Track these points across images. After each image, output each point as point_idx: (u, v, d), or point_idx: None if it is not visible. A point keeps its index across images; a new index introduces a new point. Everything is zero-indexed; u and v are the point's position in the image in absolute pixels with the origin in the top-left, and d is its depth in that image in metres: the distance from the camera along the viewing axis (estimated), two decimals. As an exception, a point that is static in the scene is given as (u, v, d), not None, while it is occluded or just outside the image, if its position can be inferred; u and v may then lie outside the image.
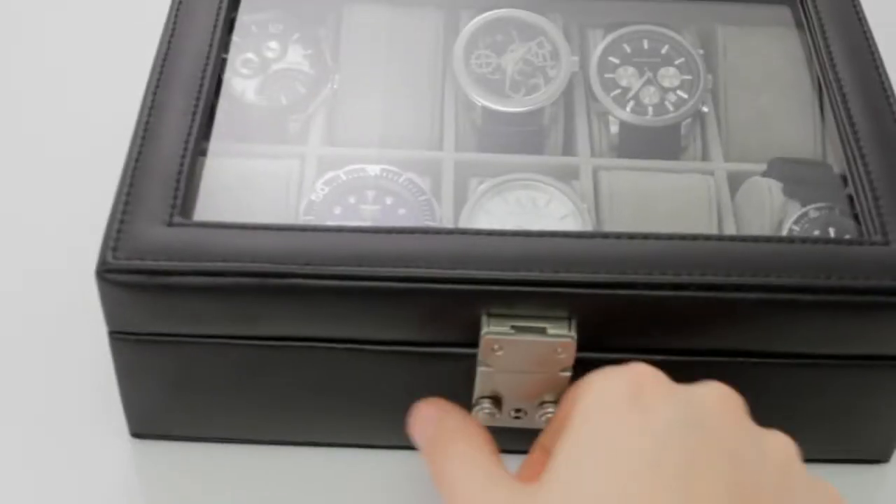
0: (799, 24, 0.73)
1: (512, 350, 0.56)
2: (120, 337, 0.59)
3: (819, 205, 0.63)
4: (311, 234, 0.57)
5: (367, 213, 0.64)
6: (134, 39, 0.72)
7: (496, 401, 0.59)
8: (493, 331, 0.56)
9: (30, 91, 0.84)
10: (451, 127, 0.71)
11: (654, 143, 0.70)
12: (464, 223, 0.63)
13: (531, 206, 0.64)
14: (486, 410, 0.59)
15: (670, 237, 0.57)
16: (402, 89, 0.72)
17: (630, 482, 0.46)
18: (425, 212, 0.63)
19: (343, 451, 0.64)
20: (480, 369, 0.58)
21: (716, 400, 0.49)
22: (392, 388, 0.61)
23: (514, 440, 0.60)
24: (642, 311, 0.56)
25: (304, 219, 0.63)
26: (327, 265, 0.56)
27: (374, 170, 0.65)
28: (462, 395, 0.59)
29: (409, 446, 0.64)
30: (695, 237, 0.57)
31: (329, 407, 0.62)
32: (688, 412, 0.48)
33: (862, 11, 0.71)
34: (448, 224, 0.64)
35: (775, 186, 0.65)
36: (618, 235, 0.58)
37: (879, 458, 0.65)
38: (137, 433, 0.65)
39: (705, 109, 0.71)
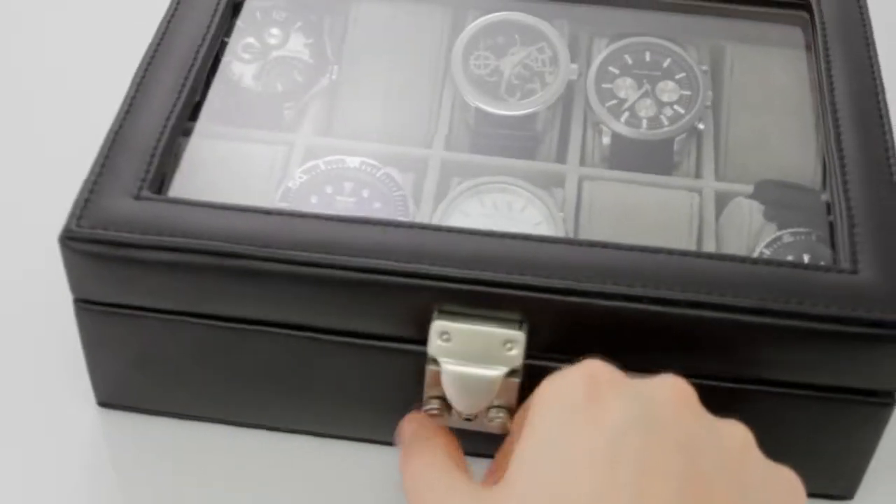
0: (809, 47, 0.72)
1: (459, 340, 0.56)
2: (84, 306, 0.60)
3: (797, 230, 0.61)
4: (272, 218, 0.58)
5: (343, 205, 0.64)
6: (139, 19, 0.73)
7: (446, 402, 0.59)
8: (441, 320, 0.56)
9: (30, 68, 0.86)
10: (444, 126, 0.70)
11: (645, 156, 0.69)
12: (437, 221, 0.63)
13: (506, 210, 0.64)
14: (435, 410, 0.59)
15: (630, 248, 0.57)
16: (401, 85, 0.72)
17: (585, 481, 0.46)
18: (399, 207, 0.63)
19: (301, 438, 0.65)
20: (429, 367, 0.57)
21: (669, 393, 0.49)
22: (345, 379, 0.61)
23: (476, 443, 0.60)
24: (594, 320, 0.56)
25: (279, 205, 0.63)
26: (283, 249, 0.56)
27: (353, 162, 0.65)
28: (414, 394, 0.59)
29: (363, 438, 0.64)
30: (655, 250, 0.57)
31: (284, 393, 0.62)
32: (641, 407, 0.48)
33: (871, 38, 0.69)
34: (423, 221, 0.63)
35: (756, 208, 0.64)
36: (577, 243, 0.57)
37: (844, 495, 0.63)
38: (104, 402, 0.66)
39: (701, 126, 0.70)
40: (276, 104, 0.70)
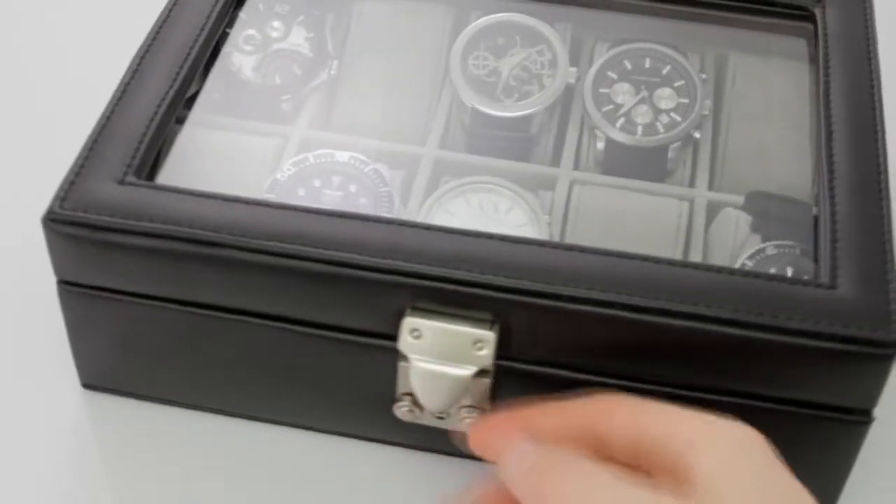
0: (813, 59, 0.71)
1: (430, 338, 0.56)
2: (67, 287, 0.61)
3: (781, 242, 0.61)
4: (253, 208, 0.58)
5: (330, 198, 0.64)
6: (143, 6, 0.74)
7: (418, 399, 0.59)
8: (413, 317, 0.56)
9: (30, 53, 0.87)
10: (440, 125, 0.71)
11: (639, 162, 0.68)
12: (422, 219, 0.63)
13: (492, 210, 0.64)
14: (406, 408, 0.59)
15: (606, 253, 0.56)
16: (400, 83, 0.72)
17: None
18: (385, 203, 0.63)
19: (280, 429, 0.65)
20: (401, 365, 0.58)
21: None
22: (320, 373, 0.61)
23: (443, 441, 0.60)
24: (566, 324, 0.55)
25: (265, 196, 0.64)
26: (260, 240, 0.56)
27: (342, 156, 0.65)
28: (387, 391, 0.59)
29: (340, 432, 0.64)
30: (632, 256, 0.56)
31: (262, 383, 0.63)
32: None
33: (874, 51, 0.68)
34: (403, 218, 0.63)
35: (744, 219, 0.64)
36: (553, 245, 0.57)
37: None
38: (88, 384, 0.66)
39: (697, 135, 0.69)
40: (274, 96, 0.70)
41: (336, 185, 0.65)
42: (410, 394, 0.59)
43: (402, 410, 0.59)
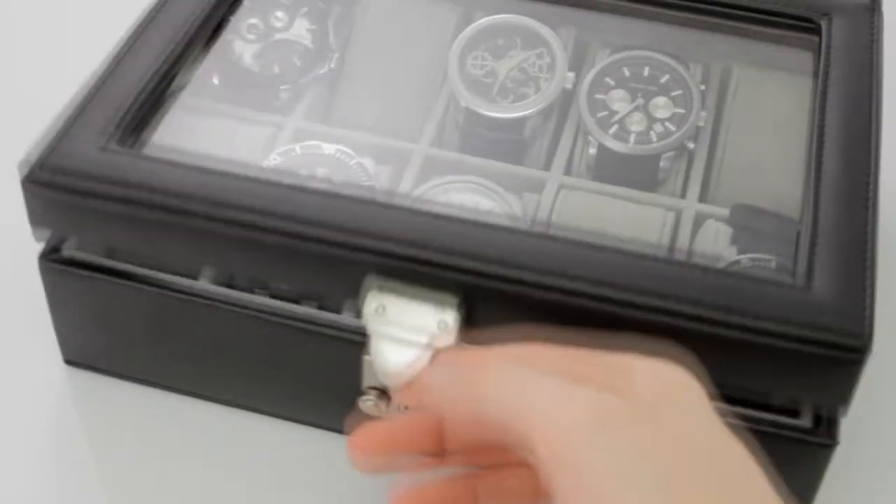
0: (816, 73, 0.70)
1: (393, 314, 0.55)
2: (48, 262, 0.62)
3: (757, 255, 0.60)
4: (225, 179, 0.58)
5: (313, 189, 0.64)
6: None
7: (383, 393, 0.59)
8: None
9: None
10: (434, 123, 0.71)
11: (630, 170, 0.68)
12: (402, 214, 0.63)
13: (473, 210, 0.64)
14: (371, 402, 0.59)
15: (576, 243, 0.56)
16: (400, 79, 0.73)
17: None
18: (366, 196, 0.64)
19: (253, 417, 0.65)
20: (365, 358, 0.58)
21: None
22: (288, 362, 0.61)
23: None
24: (531, 311, 0.55)
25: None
26: (229, 209, 0.56)
27: (329, 149, 0.65)
28: (353, 383, 0.59)
29: (306, 422, 0.65)
30: (601, 248, 0.56)
31: (232, 369, 0.63)
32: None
33: (878, 64, 0.67)
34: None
35: (724, 232, 0.63)
36: (522, 232, 0.57)
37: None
38: (70, 360, 0.67)
39: (691, 146, 0.68)
40: (273, 86, 0.71)
41: (321, 176, 0.65)
42: (376, 388, 0.59)
43: (366, 404, 0.59)
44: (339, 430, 0.64)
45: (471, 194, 0.64)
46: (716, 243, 0.63)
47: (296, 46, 0.72)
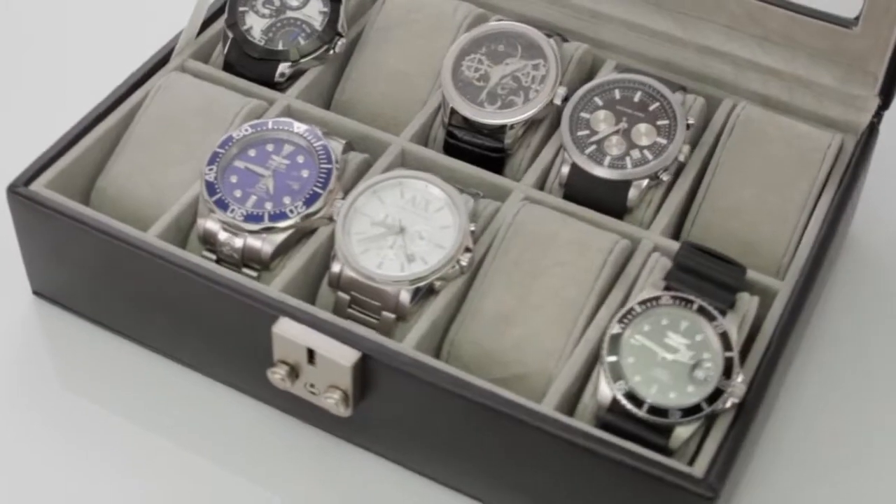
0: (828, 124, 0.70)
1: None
2: (14, 194, 0.65)
3: (680, 295, 0.58)
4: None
5: (276, 164, 0.66)
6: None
7: (293, 369, 0.60)
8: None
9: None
10: (421, 119, 0.71)
11: (599, 193, 0.67)
12: (353, 201, 0.64)
13: (422, 207, 0.64)
14: (278, 375, 0.60)
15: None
16: (401, 73, 0.73)
17: None
18: (321, 179, 0.64)
19: (180, 368, 0.67)
20: (275, 330, 0.59)
21: None
22: (209, 321, 0.63)
23: (310, 413, 0.62)
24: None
25: (217, 150, 0.66)
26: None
27: (300, 128, 0.66)
28: (267, 354, 0.61)
29: (226, 381, 0.66)
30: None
31: (165, 320, 0.65)
32: None
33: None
34: (339, 199, 0.64)
35: (661, 266, 0.61)
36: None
37: None
38: (37, 292, 0.70)
39: (665, 177, 0.67)
40: (272, 61, 0.72)
41: (286, 153, 0.66)
42: (287, 363, 0.60)
43: (274, 377, 0.60)
44: (251, 394, 0.66)
45: (423, 192, 0.64)
46: (649, 277, 0.61)
47: (304, 26, 0.73)
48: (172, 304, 0.64)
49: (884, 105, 0.71)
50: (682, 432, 0.56)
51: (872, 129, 0.71)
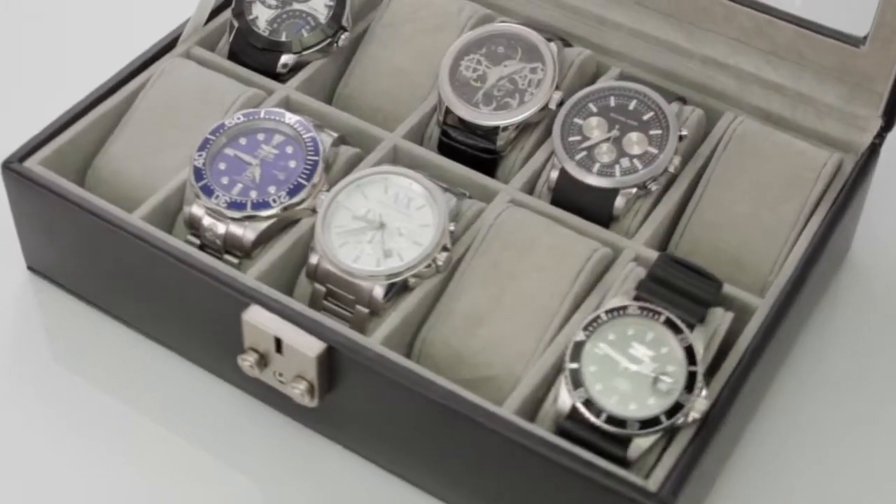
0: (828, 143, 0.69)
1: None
2: (7, 170, 0.66)
3: (648, 306, 0.58)
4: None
5: (265, 153, 0.66)
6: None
7: (262, 358, 0.61)
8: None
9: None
10: (417, 117, 0.71)
11: (586, 200, 0.66)
12: (335, 194, 0.64)
13: (404, 204, 0.64)
14: (248, 363, 0.61)
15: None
16: (404, 69, 0.73)
17: None
18: (306, 170, 0.65)
19: (159, 349, 0.68)
20: (244, 317, 0.59)
21: None
22: (185, 305, 0.64)
23: (280, 402, 0.62)
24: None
25: (208, 136, 0.66)
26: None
27: (291, 118, 0.67)
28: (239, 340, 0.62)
29: (200, 363, 0.67)
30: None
31: (146, 301, 0.66)
32: None
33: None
34: (323, 192, 0.65)
35: (636, 276, 0.61)
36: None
37: None
38: (31, 267, 0.72)
39: (653, 188, 0.66)
40: (275, 52, 0.73)
41: (275, 142, 0.67)
42: (257, 351, 0.61)
43: (244, 364, 0.61)
44: (227, 379, 0.66)
45: (407, 189, 0.64)
46: (622, 286, 0.61)
47: (309, 19, 0.74)
48: (152, 286, 0.65)
49: (886, 126, 0.70)
50: (641, 444, 0.56)
51: (874, 150, 0.70)
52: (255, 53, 0.73)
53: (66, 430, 0.65)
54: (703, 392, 0.56)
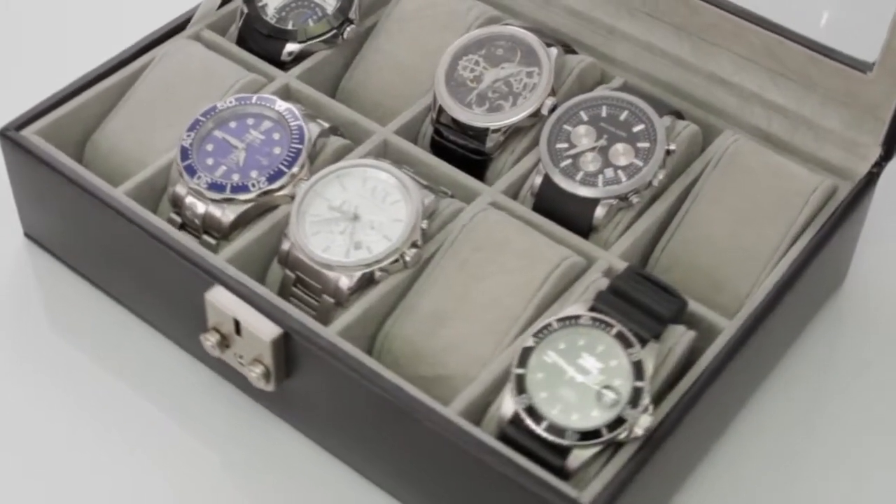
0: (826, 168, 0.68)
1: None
2: (5, 136, 0.68)
3: (599, 317, 0.57)
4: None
5: (252, 138, 0.67)
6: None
7: (224, 339, 0.62)
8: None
9: None
10: (411, 113, 0.71)
11: (566, 208, 0.66)
12: (313, 183, 0.65)
13: (380, 198, 0.64)
14: (209, 342, 0.62)
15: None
16: (408, 65, 0.74)
17: None
18: (288, 157, 0.66)
19: (134, 319, 0.70)
20: (207, 297, 0.60)
21: None
22: (156, 279, 0.65)
23: (243, 382, 0.63)
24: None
25: (199, 118, 0.67)
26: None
27: (281, 106, 0.67)
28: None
29: (169, 336, 0.68)
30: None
31: (127, 274, 0.68)
32: None
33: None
34: (304, 178, 0.65)
35: (596, 286, 0.60)
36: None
37: None
38: (28, 234, 0.73)
39: (635, 200, 0.66)
40: (280, 40, 0.74)
41: (264, 128, 0.67)
42: (219, 331, 0.62)
43: (206, 343, 0.62)
44: (199, 356, 0.67)
45: (384, 183, 0.64)
46: (582, 295, 0.60)
47: (317, 9, 0.74)
48: (130, 260, 0.66)
49: (886, 156, 0.68)
50: (581, 455, 0.55)
51: (871, 179, 0.68)
52: (261, 40, 0.74)
53: (43, 384, 0.67)
54: (650, 409, 0.56)
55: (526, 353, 0.57)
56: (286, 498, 0.62)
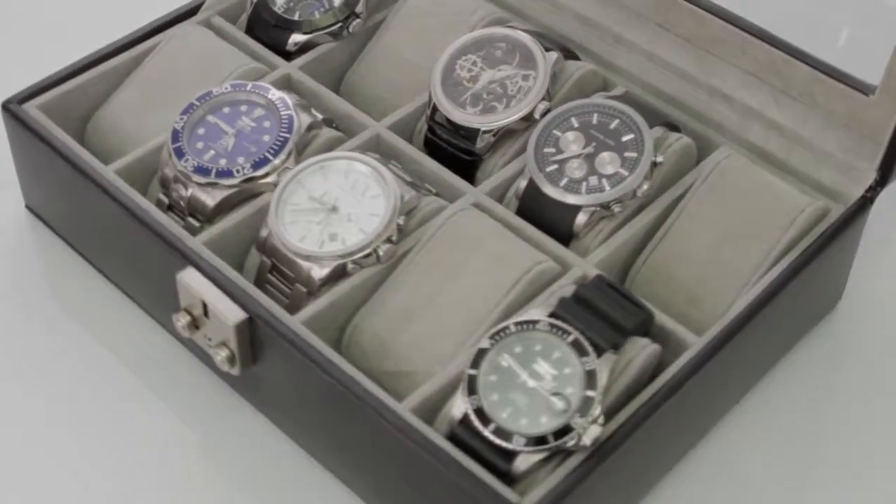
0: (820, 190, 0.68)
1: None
2: (7, 109, 0.70)
3: (558, 323, 0.57)
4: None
5: (243, 124, 0.68)
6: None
7: (194, 320, 0.62)
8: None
9: None
10: (406, 110, 0.72)
11: (548, 213, 0.66)
12: (296, 172, 0.65)
13: (360, 191, 0.64)
14: (181, 323, 0.62)
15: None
16: (411, 62, 0.74)
17: None
18: (275, 146, 0.66)
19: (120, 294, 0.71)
20: (180, 277, 0.61)
21: None
22: (137, 256, 0.67)
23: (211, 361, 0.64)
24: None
25: (194, 102, 0.68)
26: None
27: (274, 94, 0.68)
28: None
29: (148, 310, 0.70)
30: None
31: (118, 261, 0.69)
32: None
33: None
34: (290, 167, 0.66)
35: (561, 293, 0.60)
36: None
37: None
38: (29, 206, 0.75)
39: (617, 209, 0.65)
40: (286, 30, 0.74)
41: (255, 116, 0.68)
42: (190, 313, 0.63)
43: (178, 323, 0.63)
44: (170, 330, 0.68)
45: (366, 176, 0.65)
46: (545, 300, 0.60)
47: (324, 1, 0.75)
48: (117, 237, 0.67)
49: (881, 181, 0.67)
50: (528, 460, 0.55)
51: (864, 204, 0.67)
52: (268, 29, 0.75)
53: (34, 348, 0.69)
54: (600, 420, 0.55)
55: (480, 355, 0.57)
56: (237, 474, 0.63)
